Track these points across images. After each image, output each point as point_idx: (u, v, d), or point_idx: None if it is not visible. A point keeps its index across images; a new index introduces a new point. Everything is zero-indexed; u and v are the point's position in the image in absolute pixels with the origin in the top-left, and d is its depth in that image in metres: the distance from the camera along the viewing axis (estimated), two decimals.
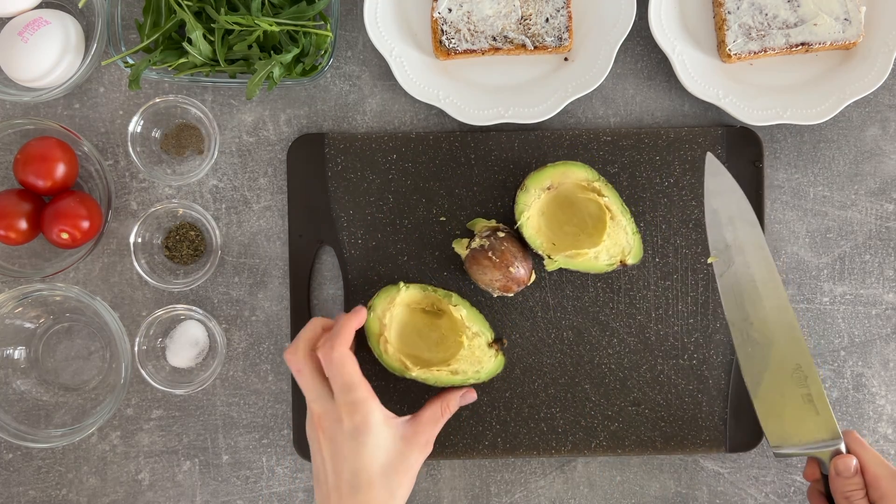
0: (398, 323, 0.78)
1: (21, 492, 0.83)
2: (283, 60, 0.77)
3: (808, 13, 0.80)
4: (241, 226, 0.84)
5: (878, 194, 0.84)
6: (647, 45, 0.84)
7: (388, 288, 0.78)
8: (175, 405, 0.83)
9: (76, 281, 0.83)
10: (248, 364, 0.83)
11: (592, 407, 0.82)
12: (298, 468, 0.83)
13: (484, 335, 0.78)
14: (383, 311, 0.77)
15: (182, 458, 0.83)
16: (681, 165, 0.82)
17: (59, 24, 0.80)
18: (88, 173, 0.83)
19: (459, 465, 0.83)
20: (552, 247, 0.78)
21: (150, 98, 0.82)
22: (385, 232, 0.82)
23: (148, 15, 0.79)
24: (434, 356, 0.79)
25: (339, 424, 0.69)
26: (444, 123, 0.84)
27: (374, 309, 0.77)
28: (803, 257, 0.84)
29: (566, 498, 0.83)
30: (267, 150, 0.84)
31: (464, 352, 0.77)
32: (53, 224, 0.78)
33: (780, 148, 0.84)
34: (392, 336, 0.77)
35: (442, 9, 0.80)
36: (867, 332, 0.83)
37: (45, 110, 0.84)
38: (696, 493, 0.83)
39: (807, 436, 0.73)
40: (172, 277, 0.82)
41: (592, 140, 0.82)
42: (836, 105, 0.81)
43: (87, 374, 0.83)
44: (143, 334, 0.80)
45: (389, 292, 0.77)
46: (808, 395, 0.74)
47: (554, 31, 0.80)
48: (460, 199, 0.82)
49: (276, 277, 0.83)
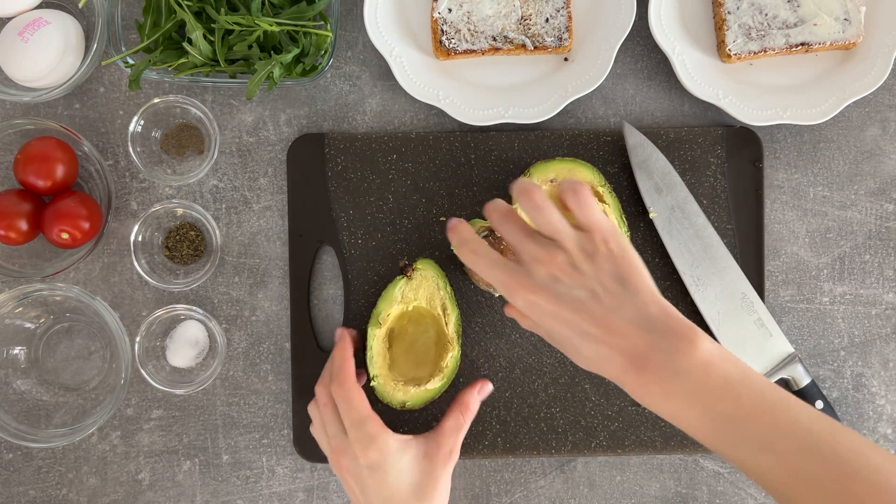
0: (398, 350, 0.79)
1: (21, 492, 0.83)
2: (283, 60, 0.77)
3: (808, 13, 0.80)
4: (241, 226, 0.84)
5: (878, 194, 0.84)
6: (647, 45, 0.84)
7: (370, 329, 0.78)
8: (175, 405, 0.83)
9: (76, 281, 0.83)
10: (248, 364, 0.83)
11: (592, 407, 0.82)
12: (298, 468, 0.83)
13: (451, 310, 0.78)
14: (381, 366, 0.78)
15: (182, 458, 0.83)
16: (681, 165, 0.82)
17: (59, 24, 0.80)
18: (88, 173, 0.83)
19: (459, 465, 0.83)
20: None
21: (150, 98, 0.82)
22: (385, 232, 0.82)
23: (148, 15, 0.79)
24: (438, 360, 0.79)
25: (356, 461, 0.69)
26: (444, 123, 0.84)
27: (377, 376, 0.78)
28: (803, 257, 0.84)
29: (566, 498, 0.83)
30: (267, 150, 0.84)
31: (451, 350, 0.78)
32: (53, 224, 0.78)
33: (780, 148, 0.84)
34: (401, 365, 0.79)
35: (442, 9, 0.80)
36: (867, 332, 0.83)
37: (45, 110, 0.84)
38: (696, 493, 0.83)
39: (769, 360, 0.78)
40: (172, 277, 0.82)
41: (592, 140, 0.82)
42: (836, 105, 0.81)
43: (88, 373, 0.83)
44: (143, 334, 0.80)
45: (373, 330, 0.78)
46: (759, 319, 0.79)
47: (554, 31, 0.80)
48: (460, 199, 0.82)
49: (276, 277, 0.83)
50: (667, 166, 0.80)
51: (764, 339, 0.79)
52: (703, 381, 0.55)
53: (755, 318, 0.79)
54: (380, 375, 0.77)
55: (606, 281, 0.59)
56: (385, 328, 0.77)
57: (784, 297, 0.83)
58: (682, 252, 0.80)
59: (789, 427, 0.54)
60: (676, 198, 0.80)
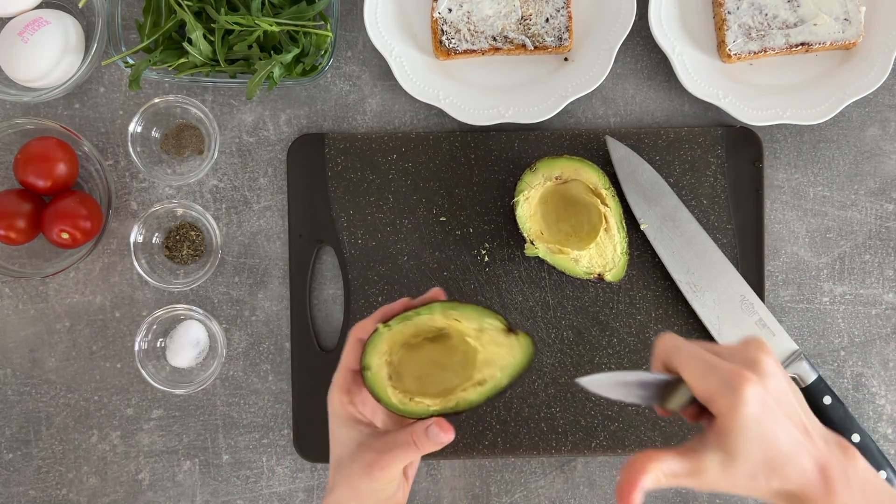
0: (408, 369, 0.64)
1: (21, 492, 0.83)
2: (283, 60, 0.77)
3: (808, 13, 0.80)
4: (241, 226, 0.84)
5: (878, 194, 0.84)
6: (647, 45, 0.84)
7: (370, 340, 0.62)
8: (175, 405, 0.83)
9: (76, 281, 0.83)
10: (248, 364, 0.83)
11: (592, 407, 0.82)
12: (298, 468, 0.83)
13: (493, 324, 0.62)
14: (380, 366, 0.62)
15: (182, 458, 0.83)
16: (681, 165, 0.82)
17: (59, 24, 0.80)
18: (88, 173, 0.83)
19: (459, 465, 0.83)
20: (540, 235, 0.79)
21: (150, 98, 0.82)
22: (385, 232, 0.82)
23: (148, 15, 0.79)
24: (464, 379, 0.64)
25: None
26: (444, 123, 0.84)
27: (370, 368, 0.61)
28: (803, 257, 0.84)
29: (566, 498, 0.83)
30: (267, 150, 0.84)
31: (481, 355, 0.62)
32: (53, 224, 0.78)
33: (780, 148, 0.84)
34: (410, 385, 0.63)
35: (442, 9, 0.80)
36: (867, 332, 0.83)
37: (45, 110, 0.84)
38: (696, 492, 0.83)
39: None
40: (172, 277, 0.82)
41: (592, 140, 0.82)
42: (836, 105, 0.80)
43: None
44: (142, 334, 0.80)
45: (374, 343, 0.62)
46: (760, 320, 0.79)
47: (554, 31, 0.80)
48: (460, 199, 0.82)
49: (276, 277, 0.83)
50: (654, 176, 0.80)
51: (766, 338, 0.79)
52: (868, 490, 0.53)
53: (756, 319, 0.79)
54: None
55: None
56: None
57: (784, 297, 0.83)
58: (675, 261, 0.80)
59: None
60: (666, 207, 0.80)
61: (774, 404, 0.53)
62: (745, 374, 0.53)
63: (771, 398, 0.53)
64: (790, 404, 0.54)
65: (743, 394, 0.52)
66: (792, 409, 0.54)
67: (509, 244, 0.82)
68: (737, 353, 0.55)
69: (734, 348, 0.56)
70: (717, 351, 0.56)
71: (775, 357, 0.55)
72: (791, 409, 0.54)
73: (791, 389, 0.55)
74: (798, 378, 0.79)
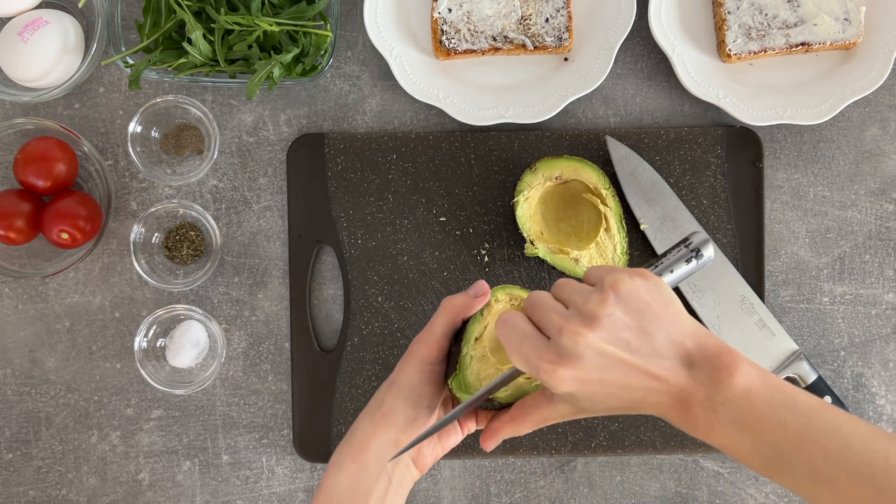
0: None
1: (21, 492, 0.83)
2: (283, 60, 0.77)
3: (808, 13, 0.80)
4: (241, 226, 0.84)
5: (878, 194, 0.84)
6: (647, 45, 0.84)
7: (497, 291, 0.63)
8: (175, 405, 0.83)
9: (76, 281, 0.83)
10: (248, 364, 0.83)
11: None
12: (298, 468, 0.83)
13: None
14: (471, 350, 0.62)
15: (182, 458, 0.83)
16: (681, 165, 0.82)
17: (58, 24, 0.80)
18: (88, 173, 0.83)
19: (459, 465, 0.83)
20: (539, 235, 0.79)
21: (150, 98, 0.82)
22: (385, 232, 0.82)
23: (148, 15, 0.79)
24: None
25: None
26: (444, 123, 0.84)
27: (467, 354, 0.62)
28: (803, 257, 0.84)
29: (566, 498, 0.83)
30: (267, 150, 0.84)
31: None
32: (53, 224, 0.78)
33: (780, 148, 0.84)
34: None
35: (442, 9, 0.80)
36: (867, 332, 0.83)
37: (45, 110, 0.84)
38: (696, 493, 0.83)
39: (774, 359, 0.79)
40: (172, 277, 0.82)
41: (592, 140, 0.82)
42: (836, 105, 0.80)
43: None
44: (142, 334, 0.80)
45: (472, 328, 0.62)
46: (760, 320, 0.80)
47: (554, 31, 0.80)
48: (460, 199, 0.82)
49: (276, 277, 0.83)
50: (654, 177, 0.80)
51: (767, 338, 0.79)
52: (746, 410, 0.52)
53: (756, 319, 0.79)
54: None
55: (633, 327, 0.54)
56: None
57: (784, 297, 0.83)
58: None
59: (840, 455, 0.50)
60: (666, 207, 0.80)
61: (596, 371, 0.53)
62: (545, 367, 0.53)
63: (592, 362, 0.52)
64: (626, 342, 0.53)
65: (549, 384, 0.54)
66: (632, 344, 0.53)
67: (509, 244, 0.82)
68: (576, 304, 0.54)
69: (576, 298, 0.55)
70: (553, 307, 0.55)
71: (615, 288, 0.54)
72: (630, 346, 0.53)
73: (643, 310, 0.54)
74: (798, 378, 0.79)
